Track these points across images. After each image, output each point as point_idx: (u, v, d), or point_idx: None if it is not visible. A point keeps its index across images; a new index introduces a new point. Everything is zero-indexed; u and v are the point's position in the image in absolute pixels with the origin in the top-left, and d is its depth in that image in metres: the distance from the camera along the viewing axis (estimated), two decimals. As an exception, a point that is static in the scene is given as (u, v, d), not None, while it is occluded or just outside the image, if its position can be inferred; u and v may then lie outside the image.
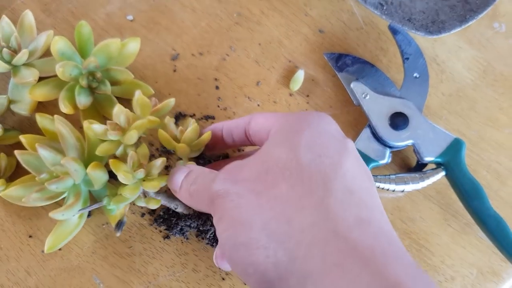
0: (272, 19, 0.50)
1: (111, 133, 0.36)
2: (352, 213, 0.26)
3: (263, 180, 0.28)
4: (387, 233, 0.27)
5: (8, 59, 0.43)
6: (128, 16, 0.48)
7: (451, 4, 0.43)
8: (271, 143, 0.31)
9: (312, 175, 0.28)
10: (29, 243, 0.42)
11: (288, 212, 0.27)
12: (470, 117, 0.48)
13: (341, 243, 0.25)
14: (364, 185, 0.29)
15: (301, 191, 0.27)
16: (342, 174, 0.28)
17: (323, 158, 0.28)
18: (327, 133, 0.31)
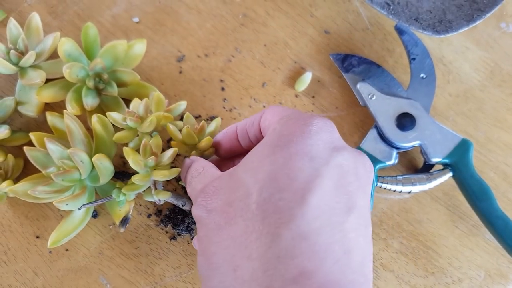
0: (278, 20, 0.50)
1: (130, 119, 0.37)
2: (294, 265, 0.24)
3: (227, 213, 0.28)
4: (329, 284, 0.24)
5: (15, 61, 0.43)
6: (134, 18, 0.49)
7: (458, 4, 0.43)
8: (245, 163, 0.29)
9: (266, 217, 0.26)
10: (37, 243, 0.42)
11: (236, 259, 0.26)
12: (477, 118, 0.48)
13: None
14: (332, 220, 0.26)
15: (252, 235, 0.26)
16: (301, 214, 0.25)
17: (284, 194, 0.26)
18: (302, 155, 0.27)
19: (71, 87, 0.43)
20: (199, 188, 0.31)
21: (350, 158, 0.28)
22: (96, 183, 0.41)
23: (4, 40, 0.47)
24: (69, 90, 0.43)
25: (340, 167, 0.27)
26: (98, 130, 0.41)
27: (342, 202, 0.27)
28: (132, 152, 0.37)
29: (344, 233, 0.26)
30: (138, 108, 0.38)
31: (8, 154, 0.43)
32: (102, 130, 0.41)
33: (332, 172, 0.27)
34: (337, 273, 0.25)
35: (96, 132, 0.41)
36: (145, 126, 0.38)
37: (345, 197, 0.27)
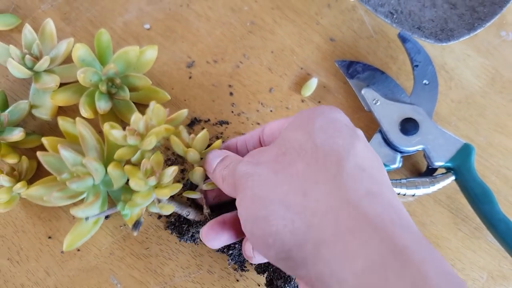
0: (285, 28, 0.51)
1: (130, 138, 0.37)
2: (363, 186, 0.28)
3: (281, 161, 0.31)
4: (395, 206, 0.28)
5: (30, 65, 0.44)
6: (145, 24, 0.50)
7: (459, 13, 0.45)
8: (287, 129, 0.33)
9: (327, 154, 0.29)
10: (49, 244, 0.43)
11: (304, 186, 0.29)
12: (479, 123, 0.49)
13: (352, 210, 0.26)
14: (375, 164, 0.30)
15: (316, 168, 0.29)
16: (354, 153, 0.30)
17: (336, 139, 0.30)
18: (339, 121, 0.32)
19: (84, 91, 0.44)
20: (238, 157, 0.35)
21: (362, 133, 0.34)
22: (109, 188, 0.42)
23: (19, 45, 0.49)
24: (82, 94, 0.44)
25: (362, 135, 0.32)
26: (110, 138, 0.42)
27: (374, 157, 0.31)
28: (133, 171, 0.38)
29: (385, 175, 0.31)
30: (138, 124, 0.38)
31: (22, 156, 0.44)
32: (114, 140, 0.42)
33: (360, 136, 0.32)
34: (395, 199, 0.29)
35: (108, 138, 0.42)
36: (146, 144, 0.38)
37: (373, 152, 0.32)
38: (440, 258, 0.25)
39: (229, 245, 0.41)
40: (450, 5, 0.45)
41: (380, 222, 0.26)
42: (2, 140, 0.43)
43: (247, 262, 0.42)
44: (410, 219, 0.28)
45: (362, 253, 0.25)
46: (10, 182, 0.42)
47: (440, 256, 0.26)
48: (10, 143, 0.44)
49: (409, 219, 0.28)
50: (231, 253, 0.42)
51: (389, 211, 0.27)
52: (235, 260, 0.42)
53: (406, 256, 0.24)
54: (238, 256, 0.42)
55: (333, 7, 0.52)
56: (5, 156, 0.43)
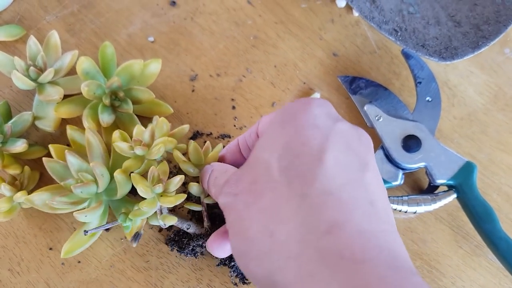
0: (288, 43, 0.51)
1: (137, 148, 0.38)
2: (325, 218, 0.26)
3: (253, 191, 0.29)
4: (364, 231, 0.25)
5: (34, 77, 0.44)
6: (149, 37, 0.50)
7: (463, 31, 0.45)
8: (259, 145, 0.32)
9: (291, 181, 0.28)
10: (49, 255, 0.43)
11: (271, 225, 0.27)
12: (481, 141, 0.49)
13: (312, 252, 0.25)
14: (351, 177, 0.28)
15: (281, 201, 0.28)
16: (321, 174, 0.27)
17: (301, 159, 0.28)
18: (310, 126, 0.29)
19: (88, 104, 0.44)
20: (223, 181, 0.33)
21: (350, 127, 0.31)
22: (112, 197, 0.42)
23: (23, 56, 0.49)
24: (86, 107, 0.44)
25: (344, 132, 0.30)
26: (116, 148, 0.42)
27: (355, 161, 0.29)
28: (140, 179, 0.38)
29: (365, 187, 0.28)
30: (143, 135, 0.39)
31: (25, 166, 0.44)
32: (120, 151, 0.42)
33: (338, 136, 0.29)
34: (367, 223, 0.26)
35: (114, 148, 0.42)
36: (153, 154, 0.39)
37: (356, 157, 0.29)
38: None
39: (230, 256, 0.42)
40: (455, 23, 0.45)
41: (338, 262, 0.24)
42: (5, 151, 0.43)
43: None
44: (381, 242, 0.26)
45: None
46: (11, 191, 0.42)
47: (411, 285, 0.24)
48: (12, 154, 0.44)
49: (377, 244, 0.25)
50: (233, 265, 0.42)
51: (353, 244, 0.25)
52: (237, 272, 0.42)
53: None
54: (239, 268, 0.42)
55: (337, 22, 0.52)
56: (8, 166, 0.43)
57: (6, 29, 0.50)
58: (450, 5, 0.47)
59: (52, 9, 0.51)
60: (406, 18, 0.46)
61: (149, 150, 0.39)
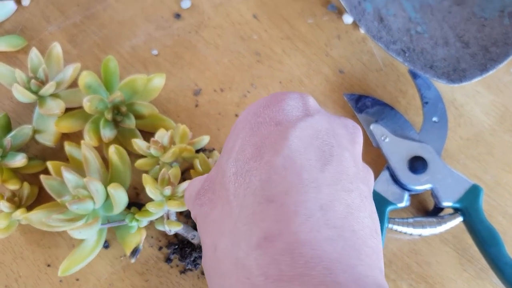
0: (294, 58, 0.51)
1: (154, 147, 0.39)
2: (260, 230, 0.23)
3: (210, 201, 0.28)
4: (295, 246, 0.22)
5: (35, 89, 0.44)
6: (153, 50, 0.50)
7: (472, 53, 0.44)
8: (222, 150, 0.29)
9: (236, 190, 0.25)
10: (47, 272, 0.42)
11: (215, 239, 0.26)
12: (487, 162, 0.48)
13: (240, 272, 0.23)
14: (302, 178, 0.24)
15: (225, 212, 0.25)
16: (266, 178, 0.24)
17: (250, 164, 0.25)
18: (270, 122, 0.26)
19: (89, 118, 0.44)
20: (194, 193, 0.30)
21: (324, 119, 0.27)
22: (109, 213, 0.41)
23: (24, 67, 0.48)
24: (87, 121, 0.43)
25: (310, 127, 0.26)
26: (114, 161, 0.42)
27: (313, 159, 0.25)
28: (150, 180, 0.39)
29: (318, 189, 0.24)
30: (162, 138, 0.40)
31: (24, 182, 0.43)
32: (119, 161, 0.42)
33: (300, 132, 0.25)
34: (308, 231, 0.22)
35: (112, 162, 0.42)
36: (167, 157, 0.39)
37: (317, 154, 0.25)
38: None
39: None
40: (463, 44, 0.45)
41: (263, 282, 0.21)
42: (4, 165, 0.42)
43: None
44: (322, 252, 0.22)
45: None
46: (10, 208, 0.41)
47: None
48: (12, 168, 0.43)
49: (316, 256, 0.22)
50: None
51: (280, 261, 0.22)
52: None
53: None
54: None
55: (343, 38, 0.52)
56: (7, 181, 0.43)
57: (7, 39, 0.49)
58: (458, 25, 0.47)
59: (55, 20, 0.50)
60: (414, 38, 0.46)
61: (164, 153, 0.40)
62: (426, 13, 0.48)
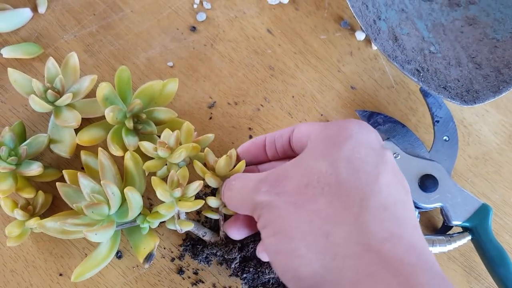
0: (306, 74, 0.51)
1: (161, 149, 0.39)
2: (384, 228, 0.28)
3: (303, 194, 0.30)
4: (416, 246, 0.28)
5: (51, 99, 0.44)
6: (168, 62, 0.50)
7: (484, 74, 0.45)
8: (311, 153, 0.33)
9: (350, 192, 0.29)
10: (59, 281, 0.43)
11: (326, 227, 0.28)
12: (495, 181, 0.49)
13: (373, 255, 0.27)
14: (399, 198, 0.30)
15: (338, 207, 0.29)
16: (378, 190, 0.29)
17: (360, 174, 0.30)
18: (366, 145, 0.32)
19: (108, 129, 0.44)
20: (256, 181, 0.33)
21: (393, 159, 0.33)
22: (124, 219, 0.42)
23: (39, 75, 0.49)
24: (107, 133, 0.44)
25: (391, 161, 0.32)
26: (129, 167, 0.42)
27: (400, 185, 0.31)
28: (160, 182, 0.39)
29: (410, 209, 0.30)
30: (169, 138, 0.40)
31: (39, 191, 0.43)
32: (133, 167, 0.42)
33: (388, 161, 0.31)
34: (417, 239, 0.29)
35: (127, 169, 0.42)
36: (175, 157, 0.40)
37: (401, 184, 0.31)
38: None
39: (243, 268, 0.42)
40: (475, 65, 0.46)
41: (399, 266, 0.26)
42: (19, 174, 0.43)
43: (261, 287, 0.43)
44: (431, 258, 0.28)
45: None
46: (24, 216, 0.42)
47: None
48: (26, 176, 0.43)
49: (429, 260, 0.28)
50: (245, 277, 0.42)
51: (409, 254, 0.27)
52: (249, 284, 0.43)
53: None
54: (252, 280, 0.42)
55: (355, 55, 0.52)
56: (21, 190, 0.43)
57: (23, 47, 0.49)
58: (470, 45, 0.48)
59: (71, 28, 0.51)
60: (428, 57, 0.47)
61: (172, 153, 0.40)
62: (439, 32, 0.49)
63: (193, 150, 0.41)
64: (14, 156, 0.42)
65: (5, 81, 0.48)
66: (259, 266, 0.42)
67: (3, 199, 0.41)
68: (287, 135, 0.37)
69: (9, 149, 0.42)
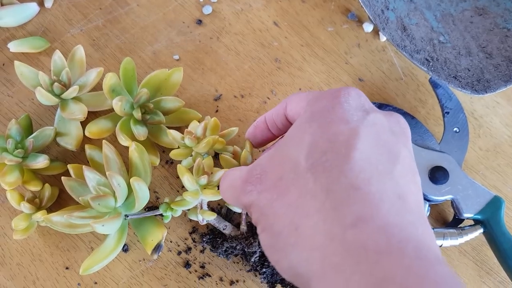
0: (313, 66, 0.51)
1: (188, 138, 0.40)
2: (350, 212, 0.26)
3: (278, 187, 0.30)
4: (388, 227, 0.25)
5: (58, 92, 0.44)
6: (174, 55, 0.50)
7: (495, 63, 0.44)
8: (284, 142, 0.32)
9: (317, 178, 0.28)
10: (65, 275, 0.42)
11: (296, 219, 0.28)
12: (506, 174, 0.48)
13: (336, 245, 0.25)
14: (380, 171, 0.27)
15: (306, 197, 0.28)
16: (348, 169, 0.27)
17: (328, 156, 0.28)
18: (338, 121, 0.29)
19: (116, 122, 0.44)
20: (241, 180, 0.33)
21: (382, 117, 0.30)
22: (130, 211, 0.41)
23: (46, 69, 0.49)
24: (115, 124, 0.44)
25: (374, 125, 0.29)
26: (134, 158, 0.42)
27: (385, 154, 0.28)
28: (186, 169, 0.39)
29: (394, 180, 0.27)
30: (196, 129, 0.41)
31: (45, 184, 0.43)
32: (139, 159, 0.42)
33: (367, 130, 0.29)
34: (395, 216, 0.26)
35: (132, 160, 0.42)
36: (201, 147, 0.40)
37: (386, 149, 0.29)
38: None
39: (262, 263, 0.42)
40: (486, 54, 0.45)
41: (363, 253, 0.24)
42: (26, 167, 0.42)
43: (278, 286, 0.42)
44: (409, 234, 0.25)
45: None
46: (30, 209, 0.41)
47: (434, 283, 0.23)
48: (33, 169, 0.43)
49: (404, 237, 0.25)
50: (264, 271, 0.42)
51: (378, 237, 0.25)
52: (267, 280, 0.42)
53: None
54: (271, 275, 0.42)
55: (363, 47, 0.52)
56: (28, 183, 0.43)
57: (30, 41, 0.49)
58: (480, 35, 0.47)
59: (77, 22, 0.51)
60: (437, 47, 0.46)
61: (198, 143, 0.40)
62: (448, 23, 0.48)
63: (218, 143, 0.41)
64: (21, 148, 0.42)
65: (12, 75, 0.48)
66: None
67: (9, 192, 0.41)
68: (282, 112, 0.37)
69: (16, 141, 0.42)
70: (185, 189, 0.45)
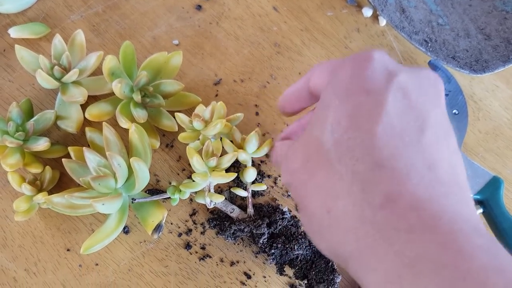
0: (313, 50, 0.51)
1: (196, 120, 0.40)
2: (378, 192, 0.25)
3: (307, 169, 0.29)
4: (418, 203, 0.24)
5: (58, 76, 0.44)
6: (174, 40, 0.50)
7: (494, 44, 0.44)
8: (312, 118, 0.30)
9: (341, 158, 0.27)
10: (67, 256, 0.43)
11: (327, 202, 0.28)
12: (506, 156, 0.48)
13: (368, 227, 0.25)
14: (406, 143, 0.26)
15: (334, 178, 0.27)
16: (371, 146, 0.26)
17: (350, 133, 0.26)
18: (359, 94, 0.27)
19: (115, 104, 0.44)
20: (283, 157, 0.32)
21: (408, 77, 0.28)
22: (130, 192, 0.42)
23: (46, 54, 0.49)
24: (115, 108, 0.44)
25: (400, 89, 0.27)
26: (134, 140, 0.42)
27: (412, 121, 0.26)
28: (194, 151, 0.40)
29: (422, 150, 0.26)
30: (203, 112, 0.41)
31: (46, 166, 0.43)
32: (139, 140, 0.42)
33: (392, 97, 0.26)
34: (424, 189, 0.25)
35: (132, 142, 0.42)
36: (210, 129, 0.40)
37: (414, 115, 0.27)
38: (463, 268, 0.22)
39: (271, 244, 0.42)
40: (484, 36, 0.45)
41: (394, 235, 0.24)
42: (27, 149, 0.43)
43: (287, 267, 0.43)
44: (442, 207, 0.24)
45: (381, 268, 0.24)
46: (32, 191, 0.42)
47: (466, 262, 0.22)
48: (33, 152, 0.44)
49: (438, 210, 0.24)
50: (273, 253, 0.42)
51: (409, 216, 0.24)
52: (276, 261, 0.42)
53: (416, 268, 0.23)
54: (279, 256, 0.42)
55: (362, 31, 0.52)
56: (29, 165, 0.43)
57: (30, 27, 0.49)
58: (479, 18, 0.47)
59: (77, 9, 0.51)
60: (436, 29, 0.46)
61: (206, 126, 0.41)
62: (447, 6, 0.48)
63: (225, 127, 0.42)
64: (22, 131, 0.42)
65: (13, 60, 0.48)
66: (287, 243, 0.42)
67: (11, 174, 0.42)
68: (305, 87, 0.34)
69: (17, 124, 0.42)
70: (185, 172, 0.46)
